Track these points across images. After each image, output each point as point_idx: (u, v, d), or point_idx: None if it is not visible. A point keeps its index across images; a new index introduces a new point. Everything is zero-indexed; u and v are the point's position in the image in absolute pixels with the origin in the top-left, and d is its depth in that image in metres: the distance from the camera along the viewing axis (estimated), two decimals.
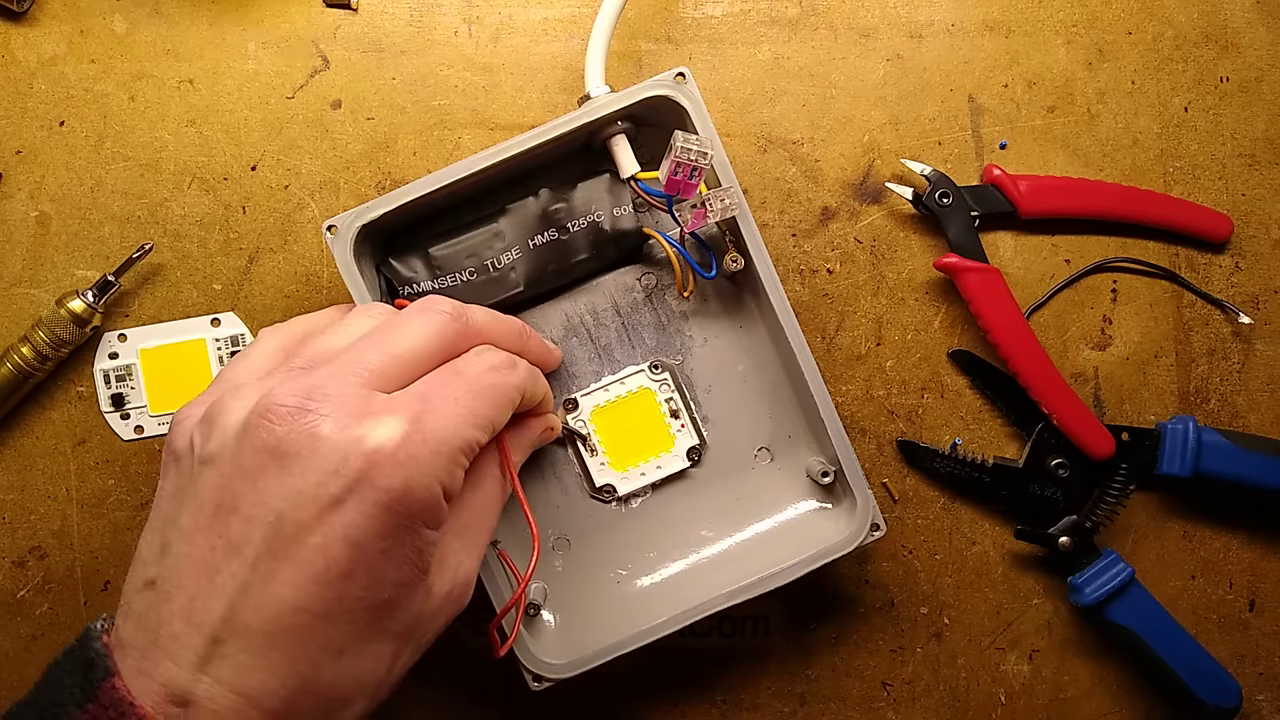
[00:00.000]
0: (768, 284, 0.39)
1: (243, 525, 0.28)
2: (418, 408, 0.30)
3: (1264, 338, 0.47)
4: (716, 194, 0.38)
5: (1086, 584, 0.44)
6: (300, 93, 0.45)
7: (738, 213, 0.39)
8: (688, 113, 0.39)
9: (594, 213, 0.41)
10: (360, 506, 0.28)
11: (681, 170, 0.37)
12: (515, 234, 0.41)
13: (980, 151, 0.46)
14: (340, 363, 0.31)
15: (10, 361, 0.42)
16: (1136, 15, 0.47)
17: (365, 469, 0.28)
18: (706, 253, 0.42)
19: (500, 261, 0.41)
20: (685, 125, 0.39)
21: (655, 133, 0.42)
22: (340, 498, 0.28)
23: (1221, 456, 0.44)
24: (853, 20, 0.46)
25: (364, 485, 0.28)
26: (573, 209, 0.41)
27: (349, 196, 0.45)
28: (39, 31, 0.45)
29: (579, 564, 0.43)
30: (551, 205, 0.41)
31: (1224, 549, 0.46)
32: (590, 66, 0.40)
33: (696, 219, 0.38)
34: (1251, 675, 0.46)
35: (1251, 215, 0.47)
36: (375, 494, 0.28)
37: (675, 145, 0.36)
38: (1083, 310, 0.46)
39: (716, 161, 0.39)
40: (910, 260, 0.46)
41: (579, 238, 0.41)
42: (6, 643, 0.45)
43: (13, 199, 0.45)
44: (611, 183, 0.41)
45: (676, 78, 0.39)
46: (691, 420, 0.43)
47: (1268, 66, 0.47)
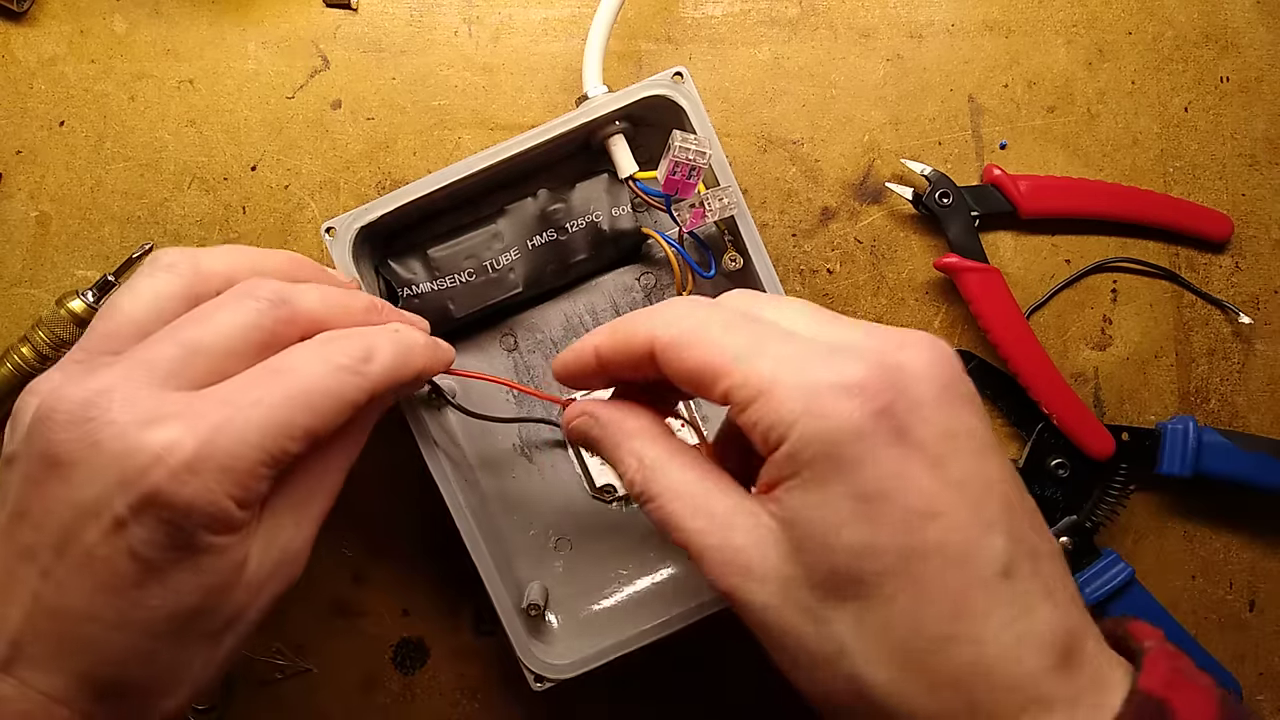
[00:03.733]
0: (766, 283, 0.39)
1: (32, 533, 0.27)
2: (212, 416, 0.27)
3: (1264, 338, 0.47)
4: (715, 193, 0.38)
5: (1087, 584, 0.44)
6: (300, 93, 0.45)
7: (736, 212, 0.39)
8: (685, 112, 0.39)
9: (592, 213, 0.41)
10: (143, 521, 0.26)
11: (680, 170, 0.37)
12: (514, 235, 0.41)
13: (980, 151, 0.46)
14: (134, 358, 0.28)
15: (10, 361, 0.42)
16: (1136, 15, 0.47)
17: (145, 484, 0.26)
18: (705, 252, 0.42)
19: (499, 262, 0.41)
20: (683, 125, 0.39)
21: (653, 132, 0.42)
22: (120, 513, 0.26)
23: (1221, 456, 0.44)
24: (853, 20, 0.46)
25: (144, 501, 0.26)
26: (571, 209, 0.41)
27: (349, 196, 0.45)
28: (39, 31, 0.45)
29: (580, 564, 0.43)
30: (550, 206, 0.41)
31: (1224, 549, 0.46)
32: (588, 66, 0.40)
33: (695, 218, 0.38)
34: (1251, 675, 0.46)
35: (1251, 215, 0.47)
36: (156, 510, 0.26)
37: (673, 145, 0.36)
38: (1083, 310, 0.46)
39: (714, 161, 0.39)
40: (910, 260, 0.46)
41: (578, 238, 0.41)
42: None
43: (13, 199, 0.45)
44: (610, 183, 0.41)
45: (674, 77, 0.39)
46: (691, 419, 0.43)
47: (1268, 66, 0.47)
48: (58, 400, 0.27)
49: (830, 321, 0.28)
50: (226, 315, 0.29)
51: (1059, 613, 0.25)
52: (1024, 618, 0.25)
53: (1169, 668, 0.26)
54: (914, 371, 0.26)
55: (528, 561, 0.43)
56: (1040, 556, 0.26)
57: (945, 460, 0.25)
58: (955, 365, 0.27)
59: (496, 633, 0.44)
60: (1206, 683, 0.26)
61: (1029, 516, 0.27)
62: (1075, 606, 0.26)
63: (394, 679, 0.44)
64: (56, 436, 0.27)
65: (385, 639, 0.45)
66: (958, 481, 0.25)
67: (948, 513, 0.25)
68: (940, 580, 0.25)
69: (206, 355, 0.28)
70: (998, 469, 0.26)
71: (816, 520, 0.26)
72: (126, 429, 0.26)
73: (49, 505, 0.27)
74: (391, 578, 0.45)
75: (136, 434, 0.26)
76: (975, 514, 0.25)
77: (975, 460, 0.26)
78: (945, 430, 0.25)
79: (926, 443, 0.25)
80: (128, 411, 0.26)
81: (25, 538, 0.27)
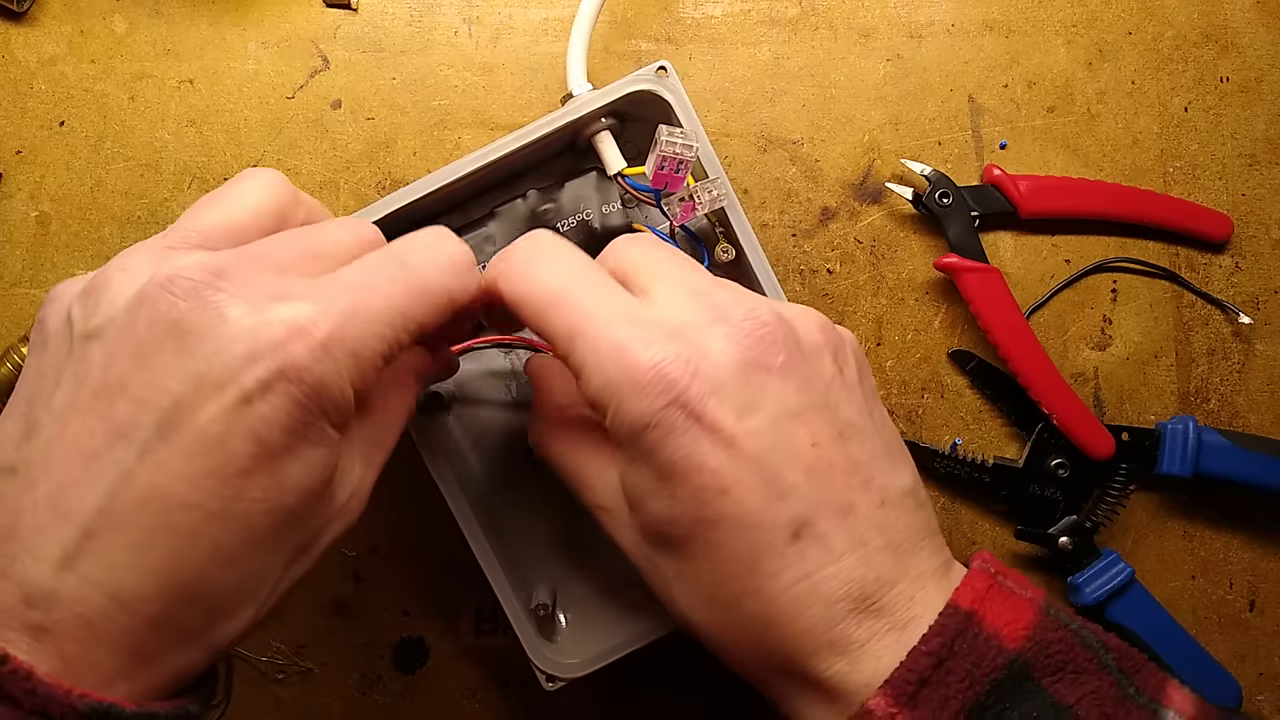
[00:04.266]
0: (759, 273, 0.39)
1: (131, 407, 0.24)
2: (344, 299, 0.26)
3: (1264, 338, 0.47)
4: (704, 186, 0.38)
5: (1086, 584, 0.44)
6: (300, 93, 0.45)
7: (726, 203, 0.38)
8: (671, 106, 0.39)
9: (583, 211, 0.41)
10: (268, 398, 0.24)
11: (668, 164, 0.37)
12: (506, 237, 0.41)
13: (980, 151, 0.46)
14: (249, 249, 0.27)
15: (10, 361, 0.42)
16: (1136, 15, 0.47)
17: (278, 358, 0.25)
18: (698, 245, 0.42)
19: None
20: (669, 119, 0.39)
21: (640, 127, 0.42)
22: (247, 386, 0.24)
23: (1221, 456, 0.44)
24: (853, 20, 0.46)
25: (275, 376, 0.24)
26: (561, 209, 0.41)
27: (349, 197, 0.45)
28: (39, 31, 0.45)
29: (589, 562, 0.43)
30: (540, 206, 0.41)
31: (1224, 549, 0.46)
32: (571, 65, 0.40)
33: (685, 212, 0.38)
34: (1251, 675, 0.46)
35: (1251, 215, 0.47)
36: (286, 386, 0.25)
37: (660, 139, 0.36)
38: (1083, 310, 0.46)
39: (703, 153, 0.39)
40: (910, 260, 0.46)
41: (570, 238, 0.41)
42: None
43: (13, 199, 0.45)
44: (599, 180, 0.41)
45: (658, 71, 0.39)
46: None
47: (1268, 66, 0.47)
48: (176, 269, 0.25)
49: (677, 285, 0.30)
50: (340, 231, 0.30)
51: (862, 565, 0.27)
52: (815, 573, 0.27)
53: (987, 583, 0.28)
54: (715, 352, 0.28)
55: (533, 561, 0.43)
56: (852, 512, 0.28)
57: (739, 438, 0.27)
58: (772, 333, 0.28)
59: (497, 633, 0.44)
60: (1032, 595, 0.29)
61: (853, 473, 0.28)
62: (890, 554, 0.28)
63: (394, 679, 0.44)
64: (181, 303, 0.25)
65: (385, 639, 0.45)
66: (752, 456, 0.27)
67: (736, 486, 0.27)
68: (732, 545, 0.27)
69: (323, 261, 0.28)
70: (809, 434, 0.28)
71: (632, 487, 0.29)
72: (261, 302, 0.25)
73: (157, 378, 0.24)
74: (391, 578, 0.45)
75: (272, 307, 0.25)
76: (767, 485, 0.27)
77: (775, 432, 0.27)
78: (746, 407, 0.27)
79: (720, 423, 0.27)
80: (258, 287, 0.26)
81: (119, 413, 0.24)
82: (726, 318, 0.29)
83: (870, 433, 0.30)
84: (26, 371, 0.27)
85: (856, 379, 0.31)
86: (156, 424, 0.24)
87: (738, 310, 0.29)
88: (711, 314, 0.29)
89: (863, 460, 0.29)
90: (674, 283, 0.30)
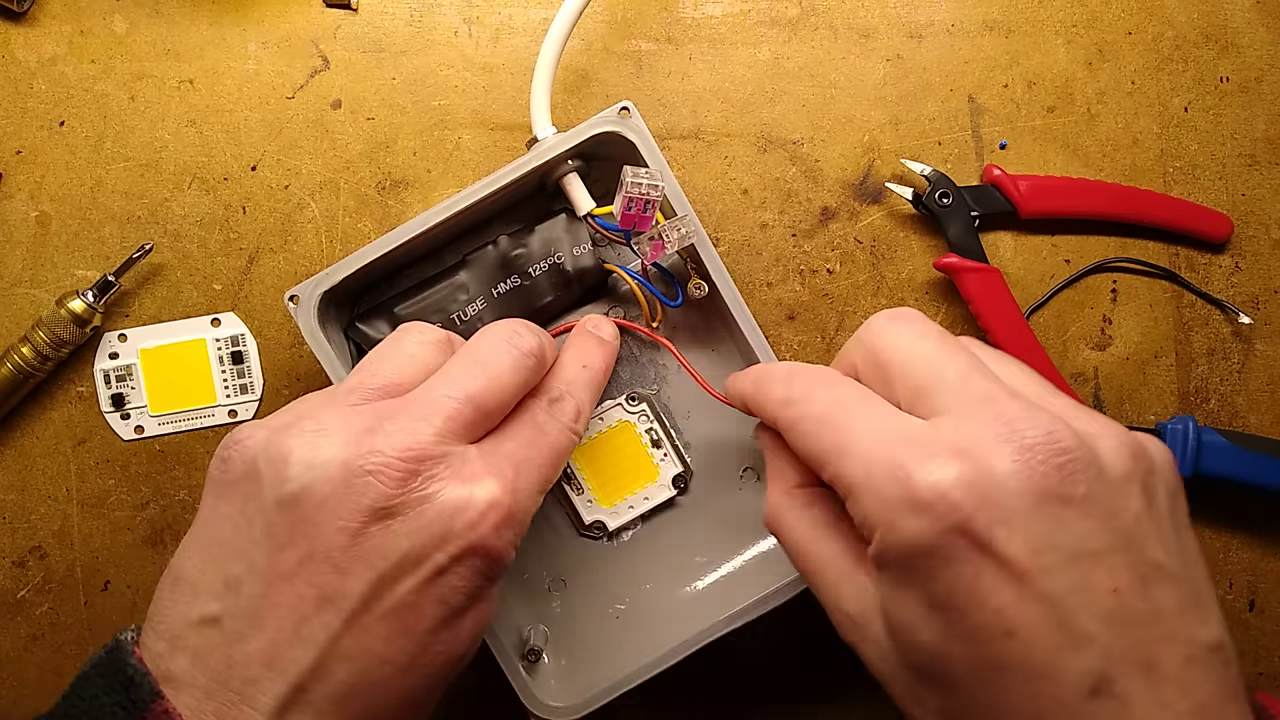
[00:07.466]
0: (733, 306, 0.39)
1: (338, 578, 0.28)
2: (510, 476, 0.31)
3: (1264, 338, 0.47)
4: (673, 224, 0.37)
5: None
6: (300, 93, 0.45)
7: (696, 240, 0.38)
8: (636, 146, 0.39)
9: (554, 254, 0.41)
10: (459, 570, 0.29)
11: (635, 205, 0.36)
12: (478, 284, 0.41)
13: (980, 151, 0.46)
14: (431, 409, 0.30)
15: (10, 361, 0.42)
16: (1136, 15, 0.47)
17: (472, 536, 0.29)
18: (671, 281, 0.41)
19: (466, 313, 0.41)
20: (634, 158, 0.39)
21: (607, 165, 0.41)
22: (441, 562, 0.29)
23: (1221, 456, 0.44)
24: (853, 20, 0.46)
25: (465, 552, 0.29)
26: (532, 253, 0.41)
27: (349, 197, 0.45)
28: (39, 31, 0.45)
29: (577, 603, 0.43)
30: (511, 251, 0.41)
31: (1224, 549, 0.46)
32: (535, 109, 0.40)
33: (655, 250, 0.38)
34: (1251, 675, 0.46)
35: (1251, 215, 0.47)
36: (474, 560, 0.29)
37: (625, 180, 0.36)
38: (1083, 310, 0.46)
39: (670, 191, 0.39)
40: (910, 260, 0.46)
41: (542, 281, 0.41)
42: (6, 643, 0.45)
43: (13, 199, 0.45)
44: (569, 221, 0.41)
45: (621, 112, 0.39)
46: (674, 448, 0.43)
47: (1268, 66, 0.47)
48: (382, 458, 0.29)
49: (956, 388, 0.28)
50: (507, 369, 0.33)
51: None
52: None
53: None
54: (1004, 476, 0.25)
55: (524, 604, 0.43)
56: (1155, 669, 0.24)
57: (1030, 575, 0.24)
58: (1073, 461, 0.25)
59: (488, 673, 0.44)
60: None
61: (1157, 624, 0.25)
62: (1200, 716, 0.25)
63: None
64: (389, 491, 0.28)
65: None
66: (1046, 596, 0.24)
67: (1025, 629, 0.24)
68: (1016, 695, 0.25)
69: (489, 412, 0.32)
70: (1110, 578, 0.25)
71: (898, 615, 0.27)
72: (456, 486, 0.29)
73: (364, 554, 0.28)
74: None
75: (467, 490, 0.29)
76: (1060, 631, 0.24)
77: (1071, 573, 0.24)
78: (1040, 542, 0.24)
79: (1009, 556, 0.24)
80: (450, 469, 0.30)
81: (326, 582, 0.28)
82: (1018, 435, 0.25)
83: (1179, 576, 0.26)
84: (213, 514, 0.30)
85: (1167, 512, 0.27)
86: (362, 595, 0.28)
87: (1033, 429, 0.25)
88: (1001, 429, 0.26)
89: (1168, 609, 0.25)
90: (953, 385, 0.28)
